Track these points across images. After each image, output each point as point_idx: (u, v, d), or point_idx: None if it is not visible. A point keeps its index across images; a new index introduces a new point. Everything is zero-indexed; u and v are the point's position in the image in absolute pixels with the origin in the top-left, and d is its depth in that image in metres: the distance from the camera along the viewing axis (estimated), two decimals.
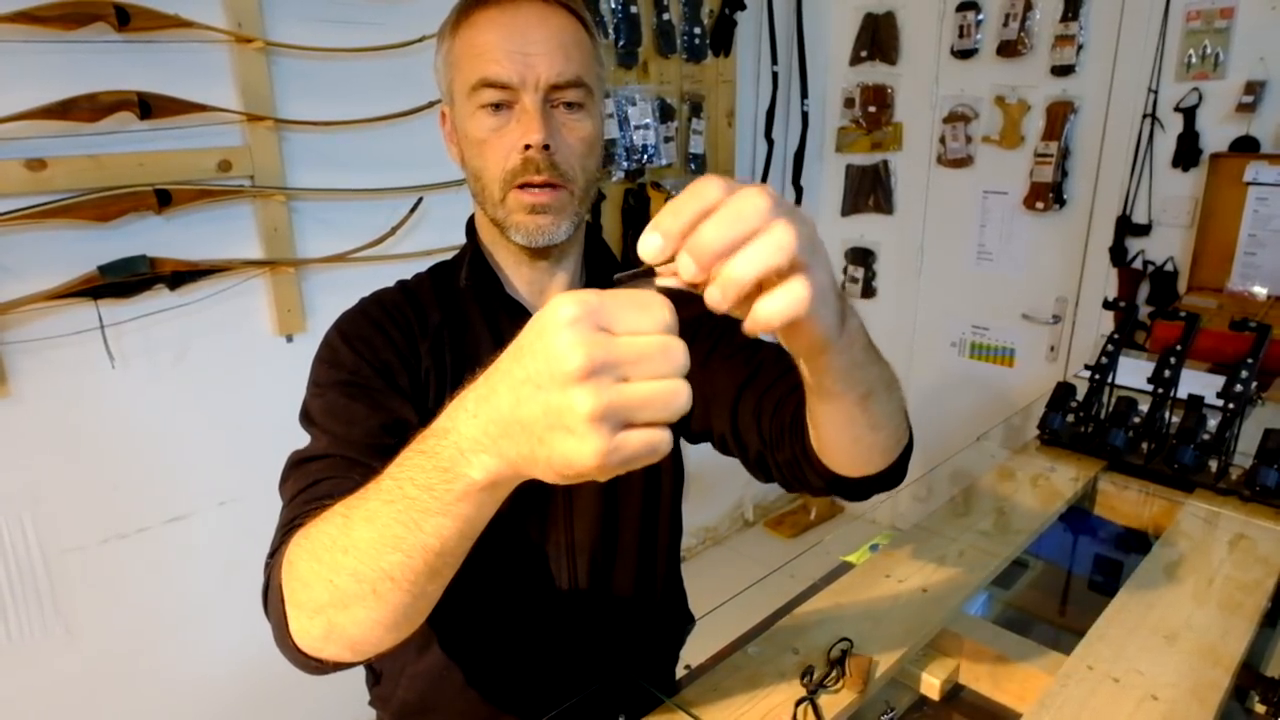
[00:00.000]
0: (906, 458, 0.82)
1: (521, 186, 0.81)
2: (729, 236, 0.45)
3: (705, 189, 0.46)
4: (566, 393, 0.41)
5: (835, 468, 0.77)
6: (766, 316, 0.47)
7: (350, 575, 0.55)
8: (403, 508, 0.51)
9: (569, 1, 0.83)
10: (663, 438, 0.43)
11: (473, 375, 0.84)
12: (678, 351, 0.43)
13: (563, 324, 0.41)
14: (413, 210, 1.93)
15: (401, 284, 0.94)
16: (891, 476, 0.81)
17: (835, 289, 0.54)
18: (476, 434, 0.46)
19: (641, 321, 0.42)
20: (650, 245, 0.46)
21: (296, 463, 0.80)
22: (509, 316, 0.90)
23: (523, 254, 0.89)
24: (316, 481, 0.75)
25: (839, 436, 0.73)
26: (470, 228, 0.95)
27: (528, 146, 0.80)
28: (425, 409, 0.84)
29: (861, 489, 0.81)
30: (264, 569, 0.71)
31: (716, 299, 0.46)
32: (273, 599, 0.65)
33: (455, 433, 0.47)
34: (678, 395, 0.43)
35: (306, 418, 0.83)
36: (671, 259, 0.47)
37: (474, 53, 0.80)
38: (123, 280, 1.53)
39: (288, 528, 0.70)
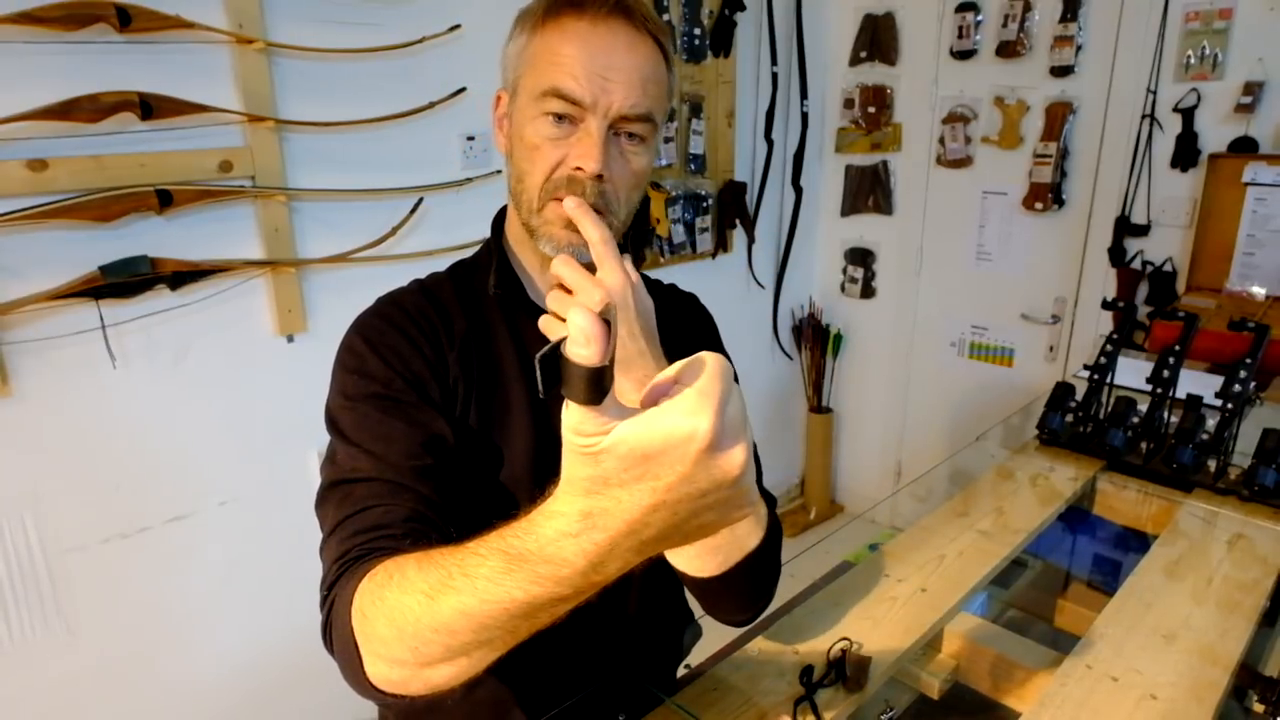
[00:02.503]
0: (727, 598, 0.90)
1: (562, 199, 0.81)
2: None
3: None
4: (737, 487, 0.44)
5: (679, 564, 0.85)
6: None
7: (443, 648, 0.57)
8: (514, 609, 0.52)
9: (658, 33, 0.81)
10: None
11: (501, 402, 0.83)
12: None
13: (714, 447, 0.42)
14: (413, 211, 1.93)
15: (420, 285, 0.92)
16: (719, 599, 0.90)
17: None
18: (613, 560, 0.48)
19: (728, 385, 0.44)
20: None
21: (336, 483, 0.77)
22: (532, 322, 0.88)
23: (549, 259, 0.88)
24: (366, 508, 0.74)
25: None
26: (497, 223, 0.94)
27: (579, 168, 0.79)
28: (453, 417, 0.84)
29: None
30: (321, 604, 0.71)
31: None
32: (341, 642, 0.65)
33: (572, 565, 0.48)
34: None
35: (336, 429, 0.81)
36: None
37: (553, 59, 0.78)
38: (124, 280, 1.53)
39: (343, 560, 0.70)
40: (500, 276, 0.89)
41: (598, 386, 0.40)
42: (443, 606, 0.55)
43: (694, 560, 0.83)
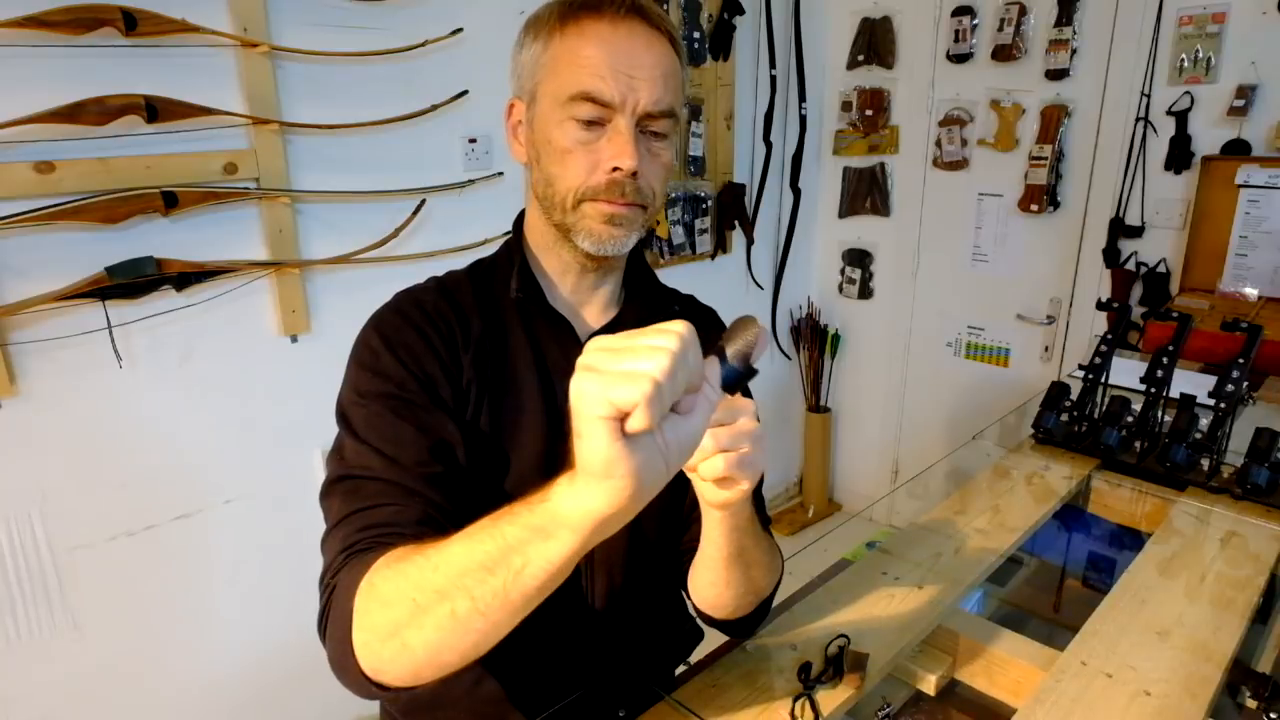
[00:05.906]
0: (740, 625, 0.97)
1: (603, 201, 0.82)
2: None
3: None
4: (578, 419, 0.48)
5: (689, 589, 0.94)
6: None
7: (415, 598, 0.58)
8: (499, 546, 0.56)
9: (671, 30, 0.83)
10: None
11: (514, 406, 0.85)
12: (648, 350, 0.47)
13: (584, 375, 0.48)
14: (415, 212, 1.95)
15: (439, 284, 0.91)
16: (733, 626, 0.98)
17: None
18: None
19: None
20: None
21: (343, 477, 0.78)
22: (550, 327, 0.90)
23: (573, 262, 0.88)
24: (377, 505, 0.74)
25: (696, 573, 0.89)
26: (517, 225, 0.94)
27: (615, 168, 0.80)
28: (464, 420, 0.84)
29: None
30: (321, 589, 0.72)
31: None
32: (338, 624, 0.66)
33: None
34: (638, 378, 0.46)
35: (346, 424, 0.81)
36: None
37: (577, 63, 0.79)
38: (130, 281, 1.54)
39: (349, 550, 0.71)
40: (522, 280, 0.89)
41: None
42: (449, 549, 0.58)
43: (723, 609, 0.91)
